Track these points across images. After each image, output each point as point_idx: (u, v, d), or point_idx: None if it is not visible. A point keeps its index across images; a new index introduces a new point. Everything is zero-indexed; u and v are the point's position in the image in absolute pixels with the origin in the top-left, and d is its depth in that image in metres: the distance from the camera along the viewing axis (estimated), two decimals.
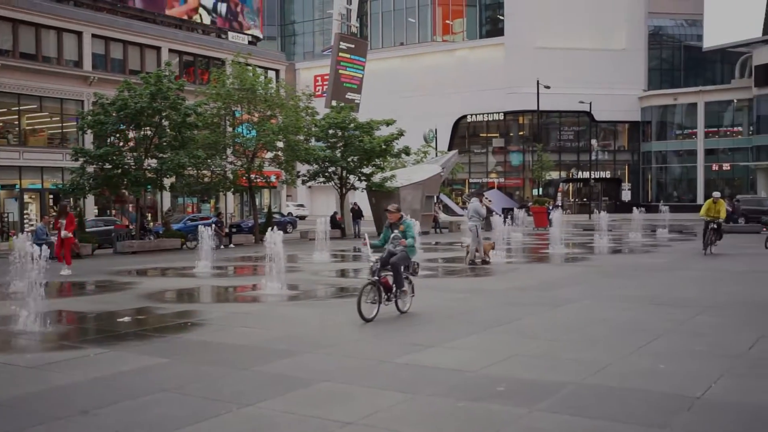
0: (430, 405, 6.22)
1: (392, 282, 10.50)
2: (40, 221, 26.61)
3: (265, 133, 30.36)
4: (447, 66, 67.08)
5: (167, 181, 30.43)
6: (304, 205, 64.81)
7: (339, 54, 44.90)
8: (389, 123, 35.48)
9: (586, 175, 60.45)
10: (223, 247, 28.15)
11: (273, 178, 35.32)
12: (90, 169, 27.50)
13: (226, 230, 31.07)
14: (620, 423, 5.60)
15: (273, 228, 14.40)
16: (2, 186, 34.57)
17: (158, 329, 10.33)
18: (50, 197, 35.46)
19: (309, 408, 6.13)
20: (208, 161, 30.33)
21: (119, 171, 27.04)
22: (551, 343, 8.68)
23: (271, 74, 45.10)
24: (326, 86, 59.66)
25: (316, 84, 68.88)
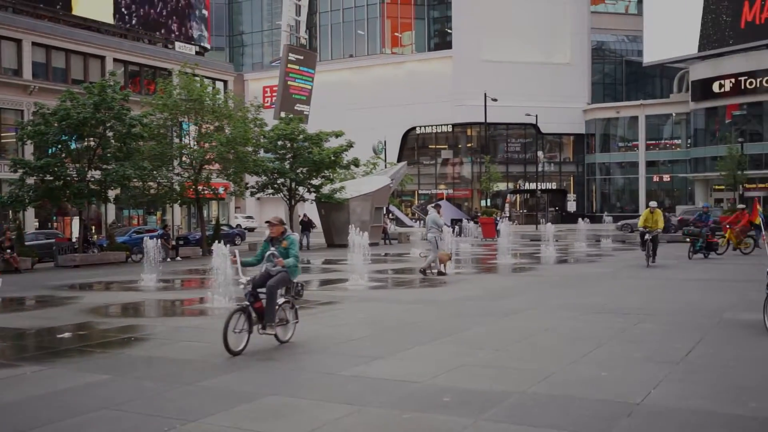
0: (377, 417, 6.23)
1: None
2: None
3: (213, 145, 30.07)
4: (396, 78, 67.56)
5: (112, 193, 29.82)
6: (253, 217, 64.25)
7: (288, 65, 44.80)
8: (338, 134, 35.53)
9: (533, 186, 61.52)
10: (170, 260, 27.70)
11: (221, 190, 34.94)
12: (30, 181, 26.77)
13: (173, 243, 30.58)
14: (562, 431, 5.70)
15: (220, 240, 14.24)
16: None
17: (100, 345, 10.08)
18: None
19: (255, 423, 6.07)
20: (155, 173, 29.87)
21: (61, 183, 26.39)
22: (497, 353, 8.78)
23: (219, 85, 44.73)
24: (275, 97, 59.54)
25: (265, 95, 68.65)
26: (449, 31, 68.23)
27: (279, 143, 34.18)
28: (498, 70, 62.08)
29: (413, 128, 67.87)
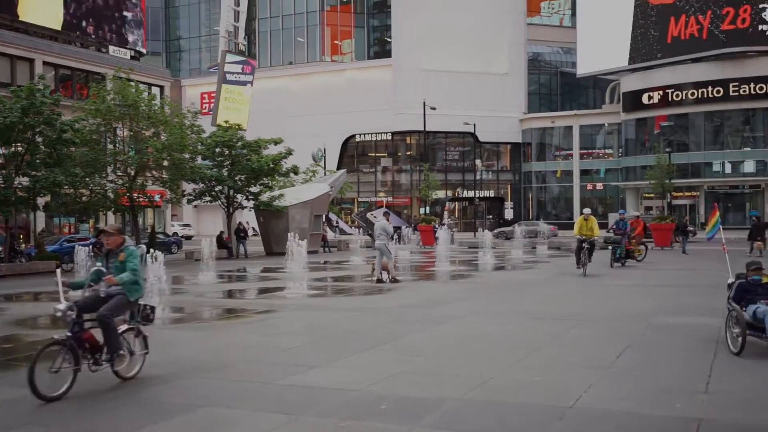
0: (314, 426, 6.20)
1: (103, 341, 7.55)
2: None
3: (149, 151, 29.46)
4: (336, 86, 67.59)
5: (41, 200, 28.86)
6: (191, 225, 63.18)
7: (226, 71, 44.26)
8: (277, 142, 35.31)
9: (471, 194, 62.38)
10: None
11: (157, 198, 34.24)
12: None
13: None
14: None
15: (155, 249, 13.96)
16: None
17: (27, 358, 9.71)
18: None
19: None
20: (87, 179, 29.07)
21: None
22: (435, 360, 8.86)
23: (155, 90, 43.85)
24: (213, 104, 58.84)
25: (203, 101, 67.69)
26: (389, 40, 68.71)
27: (217, 150, 33.74)
28: (437, 80, 62.83)
29: (353, 136, 67.98)
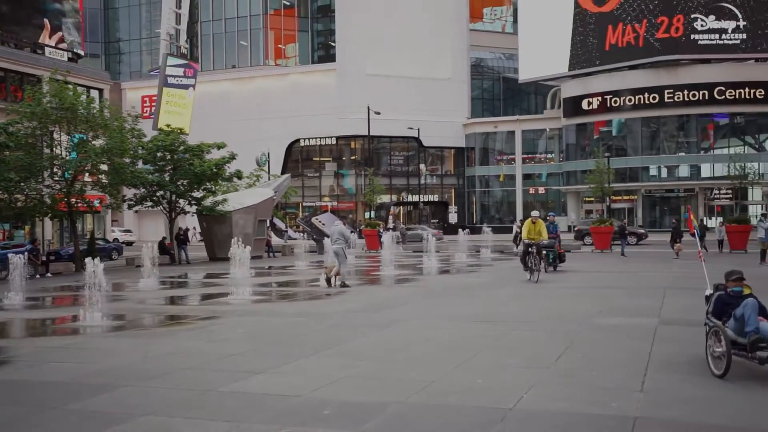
0: None
1: None
2: None
3: (87, 155, 28.72)
4: (280, 90, 67.19)
5: None
6: (132, 231, 61.87)
7: (167, 75, 43.50)
8: (221, 146, 34.88)
9: (416, 199, 62.78)
10: (39, 277, 26.24)
11: (96, 203, 33.42)
12: None
13: (43, 258, 28.95)
14: None
15: (95, 256, 13.64)
16: None
17: None
18: None
19: None
20: (22, 184, 28.20)
21: None
22: (378, 364, 8.89)
23: (94, 93, 42.76)
24: (154, 107, 57.75)
25: (144, 105, 66.41)
26: (333, 45, 68.65)
27: (158, 154, 33.12)
28: (381, 84, 63.05)
29: (297, 140, 67.67)
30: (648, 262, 26.18)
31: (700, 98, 56.30)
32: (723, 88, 55.87)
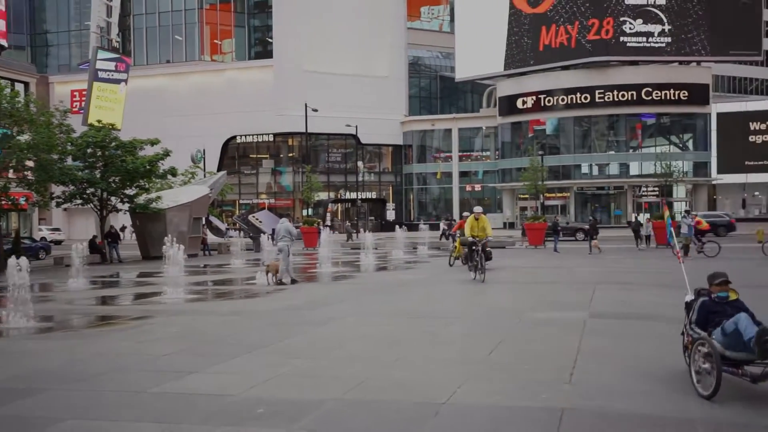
0: None
1: None
2: None
3: (12, 151, 27.66)
4: (216, 86, 66.14)
5: None
6: (60, 229, 59.91)
7: (98, 69, 42.30)
8: (154, 143, 34.14)
9: (354, 196, 62.78)
10: None
11: (22, 200, 32.23)
12: None
13: None
14: None
15: (19, 255, 13.16)
16: None
17: None
18: None
19: None
20: None
21: None
22: (314, 362, 8.85)
23: (19, 87, 41.23)
24: (84, 102, 56.05)
25: (74, 99, 64.38)
26: (270, 41, 67.98)
27: (89, 151, 32.19)
28: (319, 81, 62.77)
29: (234, 137, 66.77)
30: (579, 258, 26.86)
31: (629, 99, 58.13)
32: (650, 89, 57.85)
